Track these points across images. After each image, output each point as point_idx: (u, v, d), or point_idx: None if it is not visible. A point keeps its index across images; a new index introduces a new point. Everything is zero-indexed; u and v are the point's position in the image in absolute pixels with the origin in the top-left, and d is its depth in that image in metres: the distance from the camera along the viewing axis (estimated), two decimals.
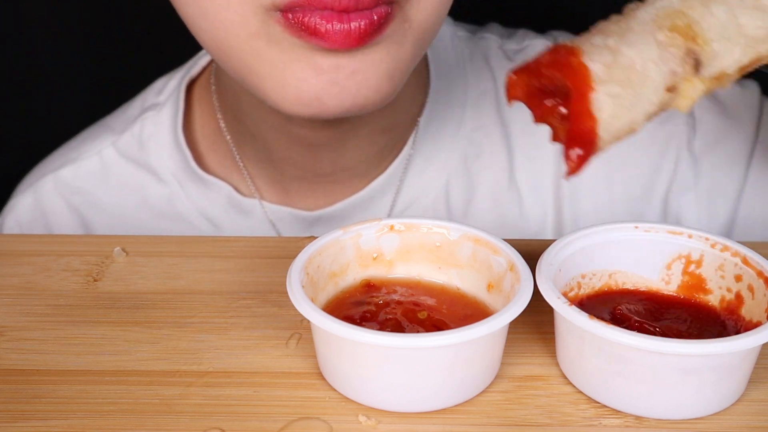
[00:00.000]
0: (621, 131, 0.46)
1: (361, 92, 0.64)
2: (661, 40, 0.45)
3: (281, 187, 0.83)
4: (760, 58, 0.48)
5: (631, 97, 0.45)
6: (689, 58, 0.45)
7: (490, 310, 0.55)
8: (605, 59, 0.45)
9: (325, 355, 0.52)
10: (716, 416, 0.51)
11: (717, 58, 0.46)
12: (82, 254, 0.66)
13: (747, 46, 0.47)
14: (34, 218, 0.86)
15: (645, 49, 0.45)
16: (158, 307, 0.60)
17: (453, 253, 0.58)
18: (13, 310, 0.60)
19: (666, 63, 0.45)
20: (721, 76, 0.47)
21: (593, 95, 0.44)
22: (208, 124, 0.85)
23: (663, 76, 0.45)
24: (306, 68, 0.63)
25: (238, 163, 0.83)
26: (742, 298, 0.55)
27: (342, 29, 0.60)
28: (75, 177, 0.86)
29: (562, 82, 0.45)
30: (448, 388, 0.50)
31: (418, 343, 0.48)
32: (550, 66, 0.46)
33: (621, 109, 0.45)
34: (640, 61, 0.45)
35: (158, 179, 0.85)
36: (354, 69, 0.63)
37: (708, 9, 0.46)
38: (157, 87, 0.90)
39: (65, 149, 0.90)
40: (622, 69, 0.44)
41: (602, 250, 0.57)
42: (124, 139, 0.86)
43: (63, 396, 0.52)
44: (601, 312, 0.55)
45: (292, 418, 0.50)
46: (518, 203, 0.83)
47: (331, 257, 0.56)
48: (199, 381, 0.53)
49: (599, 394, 0.51)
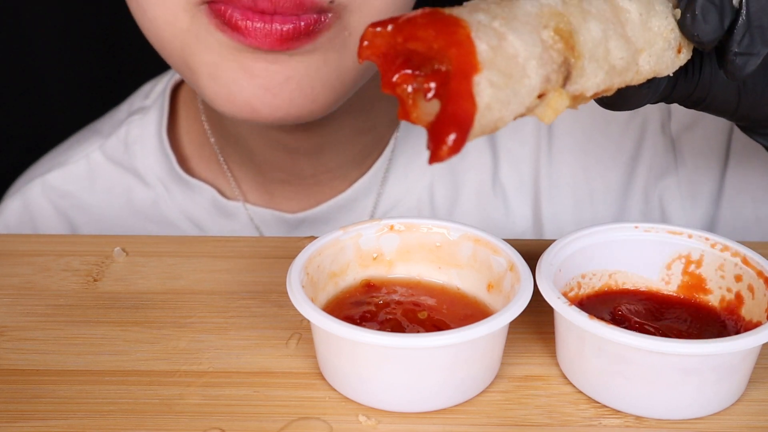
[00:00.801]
0: (487, 127, 0.40)
1: (295, 101, 0.64)
2: (546, 40, 0.41)
3: (265, 189, 0.83)
4: (608, 89, 0.46)
5: (509, 91, 0.40)
6: (563, 69, 0.42)
7: (490, 310, 0.55)
8: (491, 41, 0.40)
9: (325, 355, 0.52)
10: (716, 416, 0.51)
11: (584, 76, 0.43)
12: (82, 254, 0.66)
13: (607, 74, 0.44)
14: (22, 222, 0.87)
15: (530, 42, 0.41)
16: (158, 307, 0.60)
17: (453, 253, 0.58)
18: (13, 310, 0.60)
19: (545, 66, 0.41)
20: (578, 97, 0.44)
21: (477, 77, 0.39)
22: (193, 128, 0.85)
23: (539, 80, 0.41)
24: (238, 71, 0.63)
25: (223, 165, 0.83)
26: (742, 298, 0.55)
27: (263, 28, 0.60)
28: (63, 181, 0.86)
29: (441, 52, 0.40)
30: (448, 388, 0.50)
31: (418, 343, 0.48)
32: (427, 30, 0.40)
33: (496, 102, 0.39)
34: (523, 55, 0.40)
35: (143, 182, 0.85)
36: (287, 76, 0.63)
37: (586, 23, 0.43)
38: (144, 91, 0.90)
39: (54, 153, 0.91)
40: (506, 58, 0.40)
41: (602, 250, 0.57)
42: (110, 143, 0.87)
43: (63, 396, 0.52)
44: (601, 312, 0.55)
45: (292, 418, 0.50)
46: (503, 203, 0.82)
47: (331, 257, 0.56)
48: (199, 381, 0.53)
49: (599, 394, 0.51)
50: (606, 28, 0.44)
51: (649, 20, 0.46)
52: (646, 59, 0.46)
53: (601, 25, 0.44)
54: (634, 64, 0.45)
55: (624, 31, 0.45)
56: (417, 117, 0.42)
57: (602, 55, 0.43)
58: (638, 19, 0.45)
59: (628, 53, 0.45)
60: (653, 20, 0.46)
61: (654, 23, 0.46)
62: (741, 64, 0.48)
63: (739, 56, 0.48)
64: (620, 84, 0.46)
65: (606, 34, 0.44)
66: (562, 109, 0.43)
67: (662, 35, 0.46)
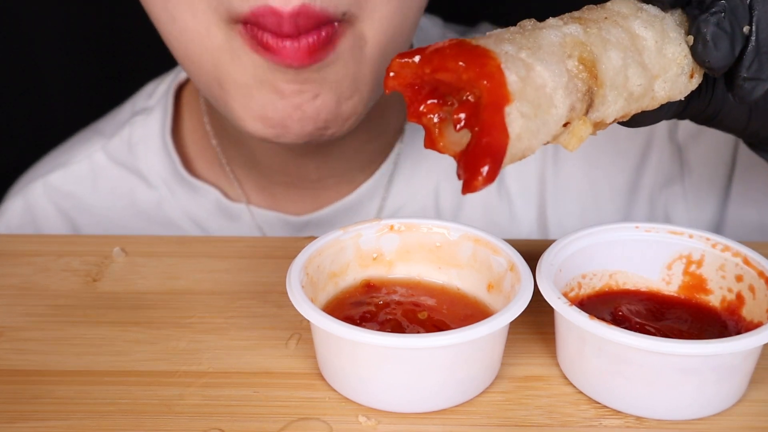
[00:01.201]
0: (515, 156, 0.41)
1: (321, 116, 0.66)
2: (571, 69, 0.43)
3: (269, 192, 0.83)
4: (626, 114, 0.47)
5: (539, 121, 0.41)
6: (587, 97, 0.43)
7: (490, 310, 0.55)
8: (520, 72, 0.41)
9: (325, 355, 0.52)
10: (717, 417, 0.50)
11: (605, 104, 0.44)
12: (82, 254, 0.66)
13: (626, 101, 0.46)
14: (24, 222, 0.86)
15: (557, 73, 0.42)
16: (158, 307, 0.60)
17: (453, 253, 0.58)
18: (13, 310, 0.60)
19: (570, 96, 0.42)
20: (599, 124, 0.45)
21: (508, 108, 0.40)
22: (197, 129, 0.85)
23: (566, 109, 0.42)
24: (271, 92, 0.65)
25: (226, 167, 0.83)
26: (743, 298, 0.55)
27: (292, 45, 0.62)
28: (65, 181, 0.86)
29: (471, 83, 0.40)
30: (448, 388, 0.50)
31: (418, 343, 0.48)
32: (457, 61, 0.40)
33: (527, 132, 0.41)
34: (551, 85, 0.42)
35: (147, 183, 0.85)
36: (315, 93, 0.65)
37: (607, 51, 0.44)
38: (147, 91, 0.90)
39: (55, 154, 0.91)
40: (535, 88, 0.41)
41: (603, 250, 0.57)
42: (113, 144, 0.86)
43: (63, 396, 0.52)
44: (602, 312, 0.55)
45: (291, 418, 0.50)
46: (508, 207, 0.82)
47: (331, 257, 0.56)
48: (199, 381, 0.53)
49: (599, 394, 0.51)
50: (625, 56, 0.45)
51: (663, 47, 0.47)
52: (661, 85, 0.47)
53: (621, 53, 0.45)
54: (651, 90, 0.47)
55: (641, 58, 0.46)
56: (444, 146, 0.43)
57: (622, 83, 0.45)
58: (654, 47, 0.46)
59: (646, 80, 0.46)
60: (668, 47, 0.47)
61: (668, 50, 0.47)
62: (749, 89, 0.49)
63: (748, 81, 0.49)
64: (637, 110, 0.47)
65: (625, 62, 0.45)
66: (585, 136, 0.44)
67: (676, 61, 0.48)
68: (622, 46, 0.45)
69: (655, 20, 0.47)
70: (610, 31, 0.45)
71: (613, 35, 0.45)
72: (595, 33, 0.44)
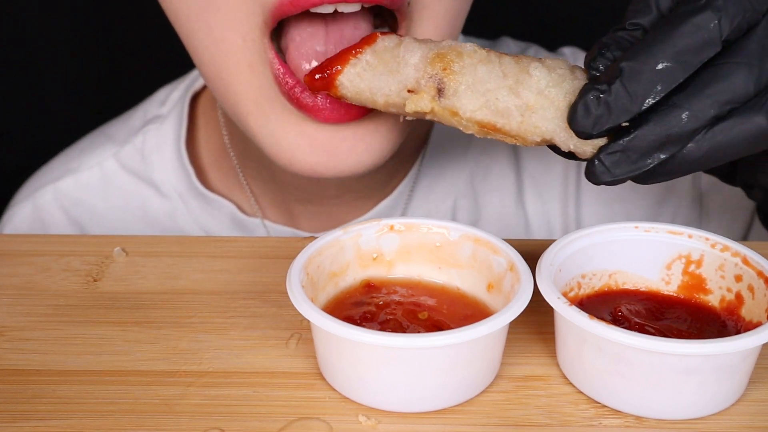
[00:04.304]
0: (362, 91, 0.57)
1: (361, 160, 0.65)
2: (427, 55, 0.55)
3: (285, 207, 0.82)
4: (498, 128, 0.54)
5: (381, 71, 0.56)
6: (434, 81, 0.54)
7: (490, 310, 0.55)
8: (389, 44, 0.57)
9: (325, 355, 0.52)
10: (716, 416, 0.51)
11: (456, 96, 0.54)
12: (82, 254, 0.66)
13: (485, 106, 0.53)
14: (32, 229, 0.86)
15: (415, 53, 0.55)
16: (158, 307, 0.60)
17: (453, 253, 0.58)
18: (13, 310, 0.60)
19: (419, 71, 0.55)
20: (455, 113, 0.54)
21: (362, 53, 0.57)
22: (212, 140, 0.84)
23: (411, 79, 0.55)
24: (301, 136, 0.64)
25: (242, 181, 0.82)
26: (742, 298, 0.55)
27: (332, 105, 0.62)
28: (75, 188, 0.85)
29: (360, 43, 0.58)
30: (448, 388, 0.50)
31: (418, 343, 0.48)
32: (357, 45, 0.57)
33: (366, 72, 0.56)
34: (405, 57, 0.56)
35: (160, 193, 0.84)
36: (356, 141, 0.64)
37: (477, 64, 0.54)
38: (159, 97, 0.88)
39: (64, 158, 0.89)
40: (392, 55, 0.56)
41: (602, 250, 0.57)
42: (125, 151, 0.85)
43: (63, 396, 0.52)
44: (602, 312, 0.55)
45: (292, 418, 0.50)
46: (524, 226, 0.82)
47: (331, 257, 0.56)
48: (199, 381, 0.53)
49: (599, 394, 0.51)
50: (493, 75, 0.54)
51: (548, 90, 0.53)
52: (541, 120, 0.53)
53: (492, 72, 0.54)
54: (520, 116, 0.53)
55: (515, 85, 0.53)
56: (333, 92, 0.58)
57: (482, 91, 0.54)
58: (537, 85, 0.53)
59: (512, 102, 0.53)
60: (553, 90, 0.53)
61: (552, 93, 0.53)
62: (598, 173, 0.51)
63: (601, 165, 0.51)
64: (517, 131, 0.53)
65: (490, 77, 0.53)
66: (420, 107, 0.55)
67: (555, 104, 0.53)
68: (500, 70, 0.54)
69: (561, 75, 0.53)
70: (502, 60, 0.54)
71: (501, 63, 0.54)
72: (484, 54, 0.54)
